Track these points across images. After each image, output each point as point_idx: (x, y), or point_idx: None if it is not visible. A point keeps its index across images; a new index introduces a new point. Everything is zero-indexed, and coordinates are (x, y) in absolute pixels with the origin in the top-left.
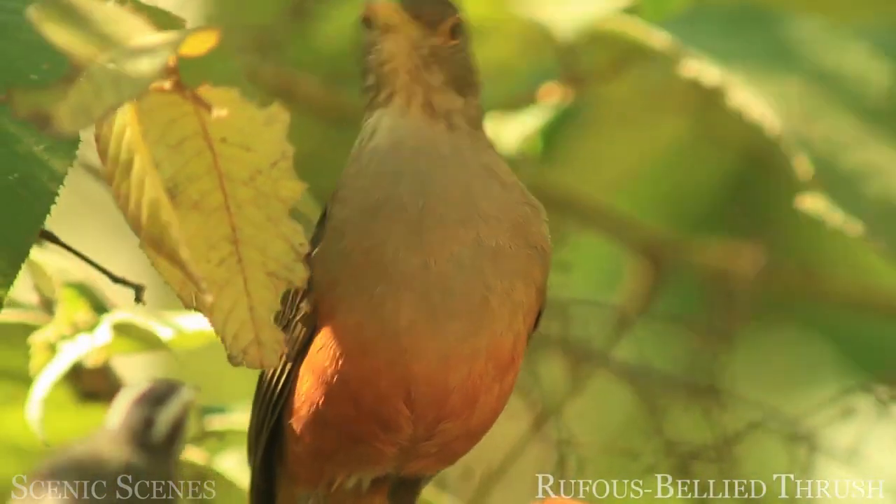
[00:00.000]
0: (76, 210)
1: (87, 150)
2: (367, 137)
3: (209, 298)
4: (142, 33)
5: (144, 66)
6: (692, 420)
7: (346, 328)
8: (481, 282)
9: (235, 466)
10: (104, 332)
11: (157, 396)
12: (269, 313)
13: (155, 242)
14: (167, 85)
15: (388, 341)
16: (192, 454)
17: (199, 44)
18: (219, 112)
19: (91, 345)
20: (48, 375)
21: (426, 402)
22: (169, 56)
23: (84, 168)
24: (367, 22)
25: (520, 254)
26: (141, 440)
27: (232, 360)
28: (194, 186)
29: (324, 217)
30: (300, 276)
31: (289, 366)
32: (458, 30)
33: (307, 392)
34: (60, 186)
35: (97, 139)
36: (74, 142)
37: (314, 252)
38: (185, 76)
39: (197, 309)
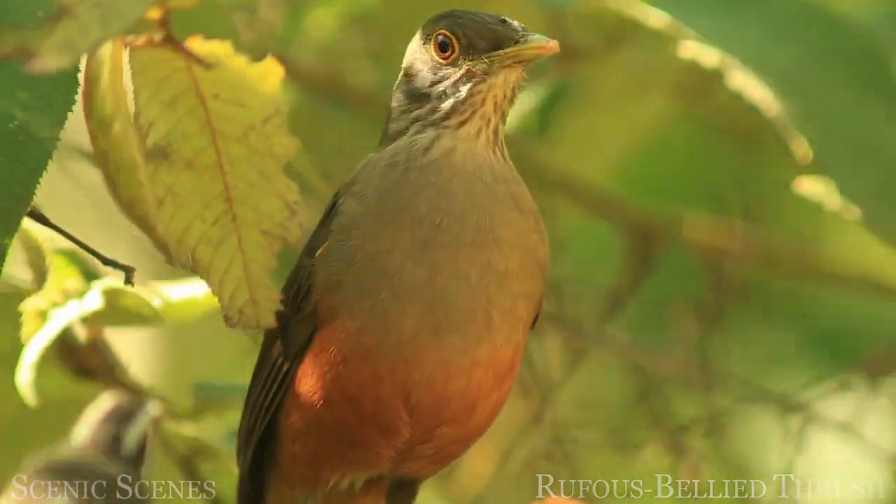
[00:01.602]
0: (69, 196)
1: (82, 137)
2: (418, 153)
3: (169, 260)
4: None
5: (131, 4)
6: (684, 396)
7: (347, 332)
8: (485, 298)
9: (228, 440)
10: (94, 297)
11: (125, 413)
12: (263, 272)
13: (128, 204)
14: (157, 37)
15: (391, 349)
16: (185, 428)
17: None
18: (210, 62)
19: (81, 310)
20: (39, 340)
21: (426, 408)
22: None
23: (79, 153)
24: (444, 46)
25: (525, 276)
26: (111, 456)
27: (228, 320)
28: (188, 144)
29: (331, 211)
30: (294, 233)
31: (286, 366)
32: None
33: (305, 394)
34: (61, 131)
35: (83, 95)
36: (72, 89)
37: (318, 253)
38: (179, 33)
39: (193, 269)
